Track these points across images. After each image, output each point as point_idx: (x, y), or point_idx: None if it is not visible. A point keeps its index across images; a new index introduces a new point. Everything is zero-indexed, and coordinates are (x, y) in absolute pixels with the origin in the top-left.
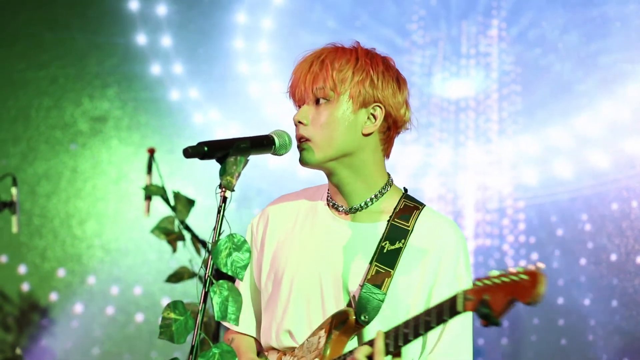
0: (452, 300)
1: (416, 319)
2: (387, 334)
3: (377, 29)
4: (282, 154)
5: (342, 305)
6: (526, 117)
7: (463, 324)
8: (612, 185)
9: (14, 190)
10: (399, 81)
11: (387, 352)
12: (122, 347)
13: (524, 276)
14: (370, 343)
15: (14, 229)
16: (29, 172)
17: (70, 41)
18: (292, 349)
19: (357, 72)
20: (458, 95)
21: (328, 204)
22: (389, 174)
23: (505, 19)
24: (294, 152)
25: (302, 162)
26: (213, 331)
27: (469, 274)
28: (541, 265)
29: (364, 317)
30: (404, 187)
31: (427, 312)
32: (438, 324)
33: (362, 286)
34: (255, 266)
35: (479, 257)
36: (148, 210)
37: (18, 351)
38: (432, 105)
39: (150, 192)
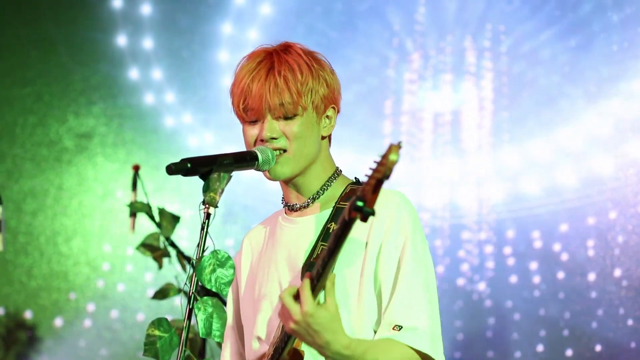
0: (342, 215)
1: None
2: (310, 272)
3: (364, 41)
4: (265, 169)
5: None
6: (510, 131)
7: (414, 279)
8: (585, 200)
9: None
10: (335, 74)
11: (313, 286)
12: None
13: (382, 156)
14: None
15: (0, 247)
16: (14, 189)
17: (55, 58)
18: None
19: (315, 79)
20: (442, 108)
21: (284, 210)
22: (337, 166)
23: (491, 32)
24: None
25: (275, 176)
26: (198, 348)
27: (419, 233)
28: (400, 141)
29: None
30: (355, 177)
31: (331, 236)
32: (337, 244)
33: (308, 265)
34: (234, 301)
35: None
36: (133, 227)
37: None
38: (418, 118)
39: (135, 208)
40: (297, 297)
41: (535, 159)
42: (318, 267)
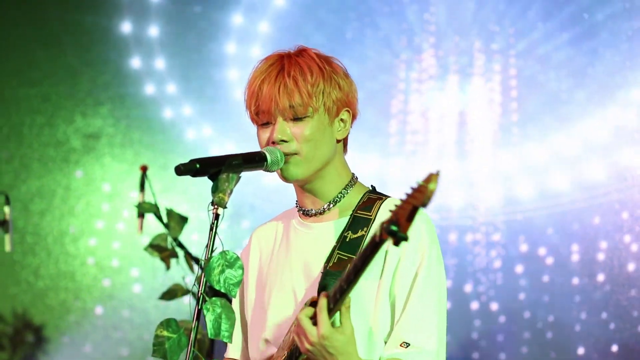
0: (373, 236)
1: (349, 269)
2: (327, 293)
3: (369, 41)
4: (274, 170)
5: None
6: (520, 130)
7: (426, 298)
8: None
9: (6, 209)
10: (350, 78)
11: (330, 309)
12: None
13: (421, 182)
14: (314, 304)
15: (7, 247)
16: (22, 190)
17: (62, 58)
18: (272, 356)
19: (327, 82)
20: (449, 109)
21: (299, 214)
22: (353, 173)
23: (499, 34)
24: None
25: (289, 177)
26: (207, 348)
27: (435, 251)
28: (439, 170)
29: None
30: (372, 185)
31: (357, 257)
32: (364, 262)
33: (324, 273)
34: (239, 294)
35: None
36: (141, 227)
37: None
38: (425, 119)
39: (143, 209)
40: (313, 317)
41: (533, 162)
42: (340, 286)
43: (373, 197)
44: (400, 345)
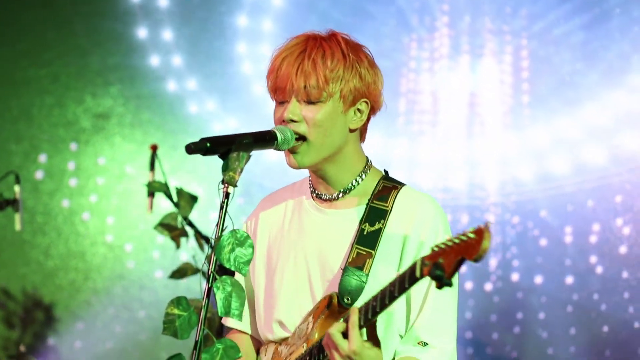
0: (412, 268)
1: (383, 290)
2: (359, 309)
3: (382, 20)
4: (284, 149)
5: (329, 291)
6: (532, 111)
7: (443, 298)
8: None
9: (16, 188)
10: (377, 70)
11: (361, 326)
12: (127, 343)
13: (471, 235)
14: (346, 319)
15: (17, 226)
16: (31, 169)
17: (72, 39)
18: (286, 338)
19: (347, 69)
20: (459, 89)
21: (312, 195)
22: (367, 157)
23: (512, 15)
24: None
25: (295, 164)
26: (217, 327)
27: None
28: (490, 222)
29: (347, 299)
30: (384, 170)
31: (392, 283)
32: (400, 292)
33: (343, 269)
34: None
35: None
36: (151, 206)
37: (22, 349)
38: (437, 99)
39: (153, 188)
40: (345, 331)
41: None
42: (373, 307)
43: (388, 186)
44: (418, 344)
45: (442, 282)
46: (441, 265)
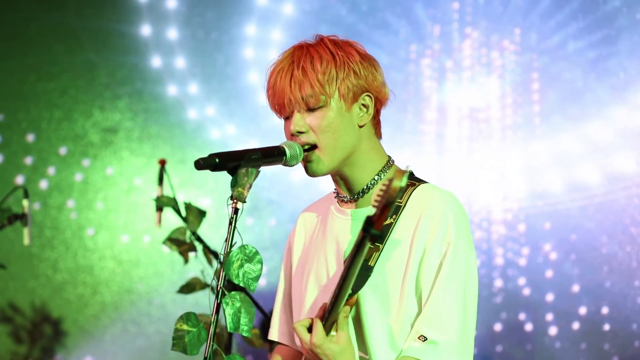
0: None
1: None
2: (324, 304)
3: (387, 35)
4: (293, 165)
5: None
6: (539, 126)
7: (449, 291)
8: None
9: (25, 203)
10: (373, 61)
11: (325, 319)
12: (135, 358)
13: (389, 181)
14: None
15: (26, 241)
16: (40, 183)
17: (80, 52)
18: None
19: (340, 68)
20: (469, 103)
21: (336, 199)
22: (389, 157)
23: (516, 27)
24: None
25: (312, 173)
26: (225, 342)
27: (463, 240)
28: (408, 166)
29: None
30: (410, 170)
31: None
32: (352, 259)
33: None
34: (286, 280)
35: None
36: (159, 221)
37: None
38: (443, 113)
39: (161, 203)
40: (309, 326)
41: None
42: (332, 297)
43: (408, 183)
44: (418, 339)
45: (373, 233)
46: (370, 219)
